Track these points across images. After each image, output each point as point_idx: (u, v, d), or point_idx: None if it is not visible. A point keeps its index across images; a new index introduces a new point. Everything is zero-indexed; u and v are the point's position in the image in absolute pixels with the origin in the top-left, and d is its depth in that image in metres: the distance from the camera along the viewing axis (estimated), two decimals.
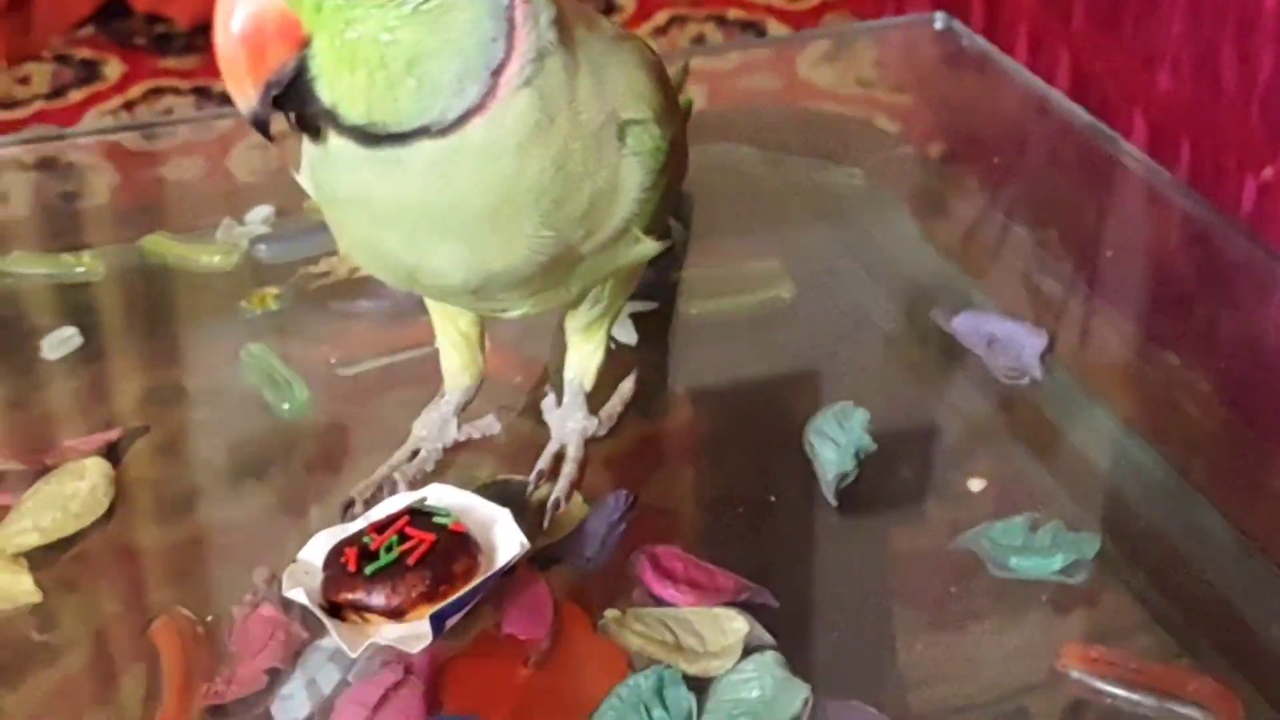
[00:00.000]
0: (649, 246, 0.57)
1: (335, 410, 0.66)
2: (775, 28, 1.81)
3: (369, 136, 0.50)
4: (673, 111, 0.58)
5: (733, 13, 1.85)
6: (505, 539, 0.56)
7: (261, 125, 0.49)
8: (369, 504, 0.59)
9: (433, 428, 0.62)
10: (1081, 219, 0.79)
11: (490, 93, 0.50)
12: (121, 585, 0.59)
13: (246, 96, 0.48)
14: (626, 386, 0.64)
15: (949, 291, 0.73)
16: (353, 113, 0.49)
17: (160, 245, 0.76)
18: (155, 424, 0.65)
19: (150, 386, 0.69)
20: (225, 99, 0.50)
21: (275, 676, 0.53)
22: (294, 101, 0.49)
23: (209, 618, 0.56)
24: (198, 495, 0.63)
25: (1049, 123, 0.83)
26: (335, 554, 0.55)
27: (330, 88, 0.49)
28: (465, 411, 0.63)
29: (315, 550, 0.56)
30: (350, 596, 0.53)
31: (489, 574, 0.54)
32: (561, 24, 0.52)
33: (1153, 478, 0.61)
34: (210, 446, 0.65)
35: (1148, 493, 0.60)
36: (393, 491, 0.60)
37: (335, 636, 0.53)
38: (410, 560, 0.54)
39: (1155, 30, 1.31)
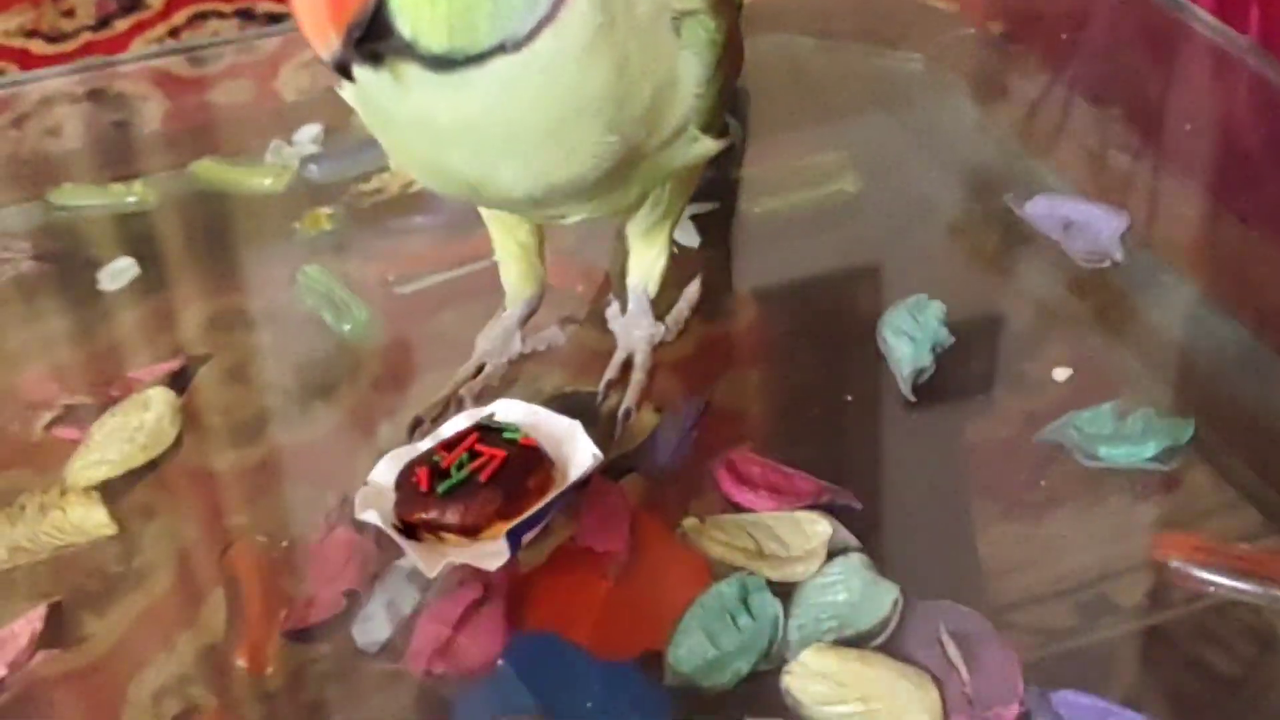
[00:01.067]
0: (708, 145, 0.55)
1: (396, 328, 0.65)
2: None
3: (442, 62, 0.48)
4: (725, 2, 0.55)
5: None
6: (577, 451, 0.55)
7: (344, 69, 0.47)
8: (436, 422, 0.58)
9: (496, 341, 0.61)
10: (1153, 92, 0.76)
11: (552, 11, 0.48)
12: (194, 514, 0.58)
13: (329, 42, 0.46)
14: (692, 290, 0.63)
15: (1020, 176, 0.70)
16: (434, 43, 0.47)
17: (211, 170, 0.75)
18: (217, 351, 0.65)
19: (209, 313, 0.68)
20: (270, 18, 0.49)
21: (354, 599, 0.52)
22: (372, 39, 0.47)
23: (284, 543, 0.55)
24: (264, 421, 0.62)
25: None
26: (406, 474, 0.54)
27: (412, 20, 0.47)
28: (529, 323, 0.62)
29: (385, 471, 0.55)
30: (424, 516, 0.52)
31: (563, 488, 0.53)
32: None
33: (1244, 355, 0.59)
34: (273, 371, 0.64)
35: (1240, 371, 0.58)
36: (460, 408, 0.58)
37: (411, 557, 0.52)
38: (483, 477, 0.52)
39: None
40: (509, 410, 0.57)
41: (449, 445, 0.54)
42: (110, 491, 0.58)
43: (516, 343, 0.62)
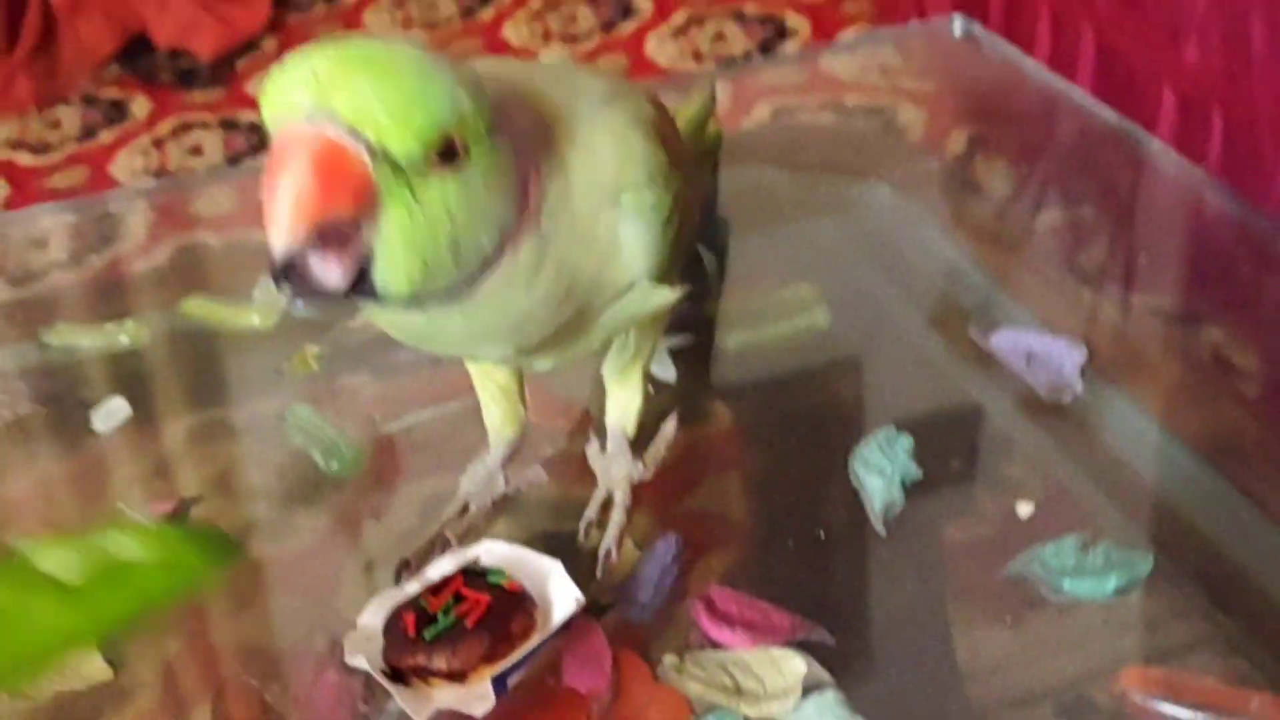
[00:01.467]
0: (664, 294, 0.57)
1: (384, 466, 0.67)
2: (795, 20, 1.81)
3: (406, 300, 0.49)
4: (676, 163, 0.57)
5: (750, 8, 1.84)
6: (560, 593, 0.56)
7: (285, 272, 0.45)
8: (422, 564, 0.59)
9: (480, 482, 0.63)
10: (1113, 222, 0.79)
11: (501, 248, 0.49)
12: (187, 657, 0.59)
13: (289, 230, 0.44)
14: (669, 428, 0.65)
15: (984, 306, 0.73)
16: (398, 294, 0.47)
17: (200, 309, 0.77)
18: (208, 491, 0.66)
19: (200, 453, 0.70)
20: (252, 127, 0.51)
21: None
22: (355, 292, 0.46)
23: (274, 687, 0.56)
24: (254, 562, 0.64)
25: (1075, 125, 0.83)
26: (394, 619, 0.56)
27: (385, 270, 0.46)
28: (511, 462, 0.64)
29: (374, 615, 0.57)
30: (412, 661, 0.54)
31: (546, 634, 0.55)
32: (553, 138, 0.51)
33: (1202, 488, 0.61)
34: (263, 511, 0.66)
35: (1198, 504, 0.60)
36: (445, 549, 0.60)
37: (400, 702, 0.53)
38: (469, 623, 0.54)
39: (1180, 3, 1.29)
40: (492, 551, 0.58)
41: (435, 589, 0.56)
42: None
43: (500, 482, 0.63)
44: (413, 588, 0.57)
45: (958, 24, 0.88)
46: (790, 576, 0.59)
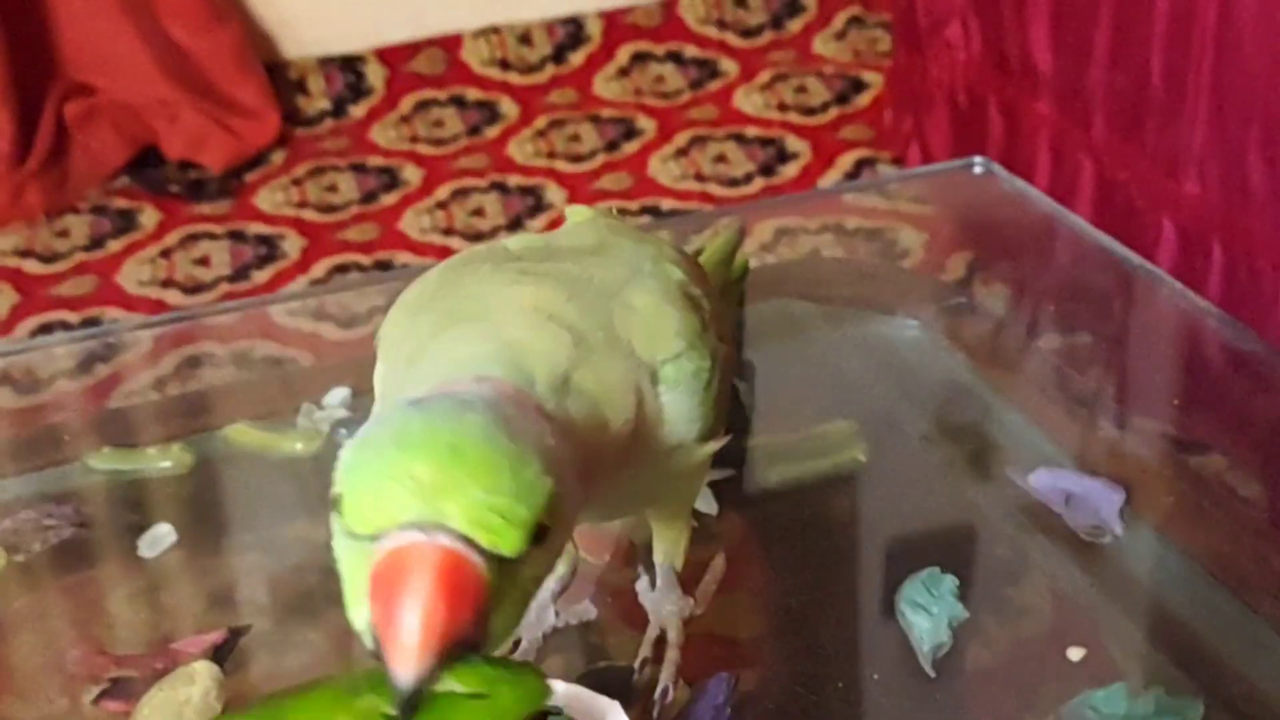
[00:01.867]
0: (711, 448, 0.57)
1: None
2: (794, 143, 1.85)
3: None
4: (714, 320, 0.57)
5: (751, 130, 1.88)
6: None
7: (413, 702, 0.42)
8: None
9: (531, 615, 0.64)
10: (1146, 365, 0.81)
11: None
12: None
13: (419, 659, 0.41)
14: (718, 564, 0.66)
15: (1021, 446, 0.74)
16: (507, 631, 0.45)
17: (243, 434, 0.78)
18: (256, 620, 0.67)
19: (247, 581, 0.71)
20: (260, 239, 0.51)
21: None
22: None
23: None
24: None
25: (1103, 268, 0.85)
26: None
27: (495, 631, 0.44)
28: (561, 598, 0.64)
29: None
30: None
31: None
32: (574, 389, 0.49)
33: (1245, 632, 0.62)
34: (312, 643, 0.66)
35: (1243, 649, 0.61)
36: None
37: None
38: None
39: (1178, 136, 1.33)
40: (553, 688, 0.59)
41: None
42: None
43: (550, 617, 0.64)
44: None
45: (978, 165, 0.91)
46: (839, 717, 0.60)
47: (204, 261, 1.75)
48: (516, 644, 0.63)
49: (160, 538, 0.72)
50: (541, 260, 0.56)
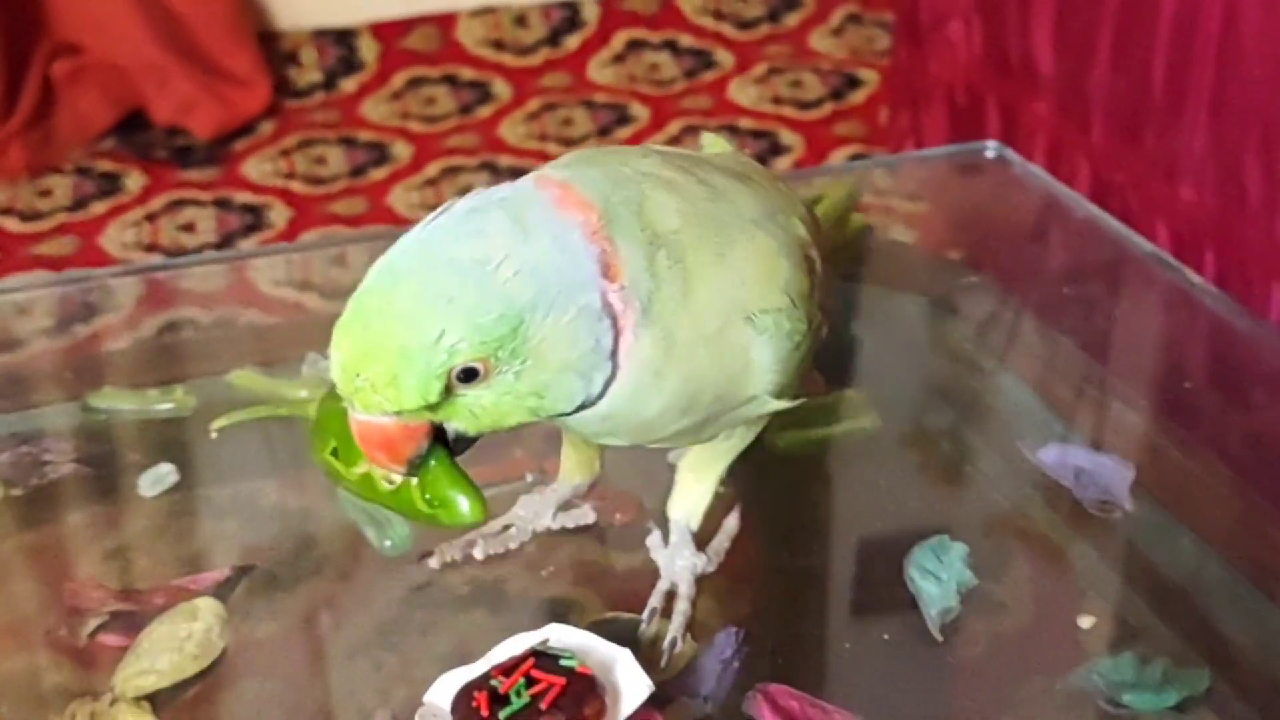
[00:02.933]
0: (780, 405, 0.57)
1: (436, 546, 0.67)
2: (788, 136, 1.85)
3: None
4: (821, 286, 0.58)
5: (745, 122, 1.88)
6: (628, 680, 0.56)
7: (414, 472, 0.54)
8: (443, 559, 0.64)
9: (531, 509, 0.65)
10: (1155, 347, 0.81)
11: (613, 373, 0.52)
12: None
13: (395, 472, 0.54)
14: (732, 522, 0.65)
15: (1030, 421, 0.74)
16: (507, 426, 0.53)
17: (248, 380, 0.77)
18: (260, 561, 0.66)
19: (250, 523, 0.70)
20: (246, 208, 0.53)
21: None
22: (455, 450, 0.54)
23: None
24: (310, 635, 0.63)
25: (1114, 251, 0.85)
26: (464, 697, 0.55)
27: (481, 430, 0.53)
28: (567, 509, 0.66)
29: (441, 692, 0.57)
30: None
31: (620, 717, 0.55)
32: (667, 248, 0.52)
33: (1252, 610, 0.62)
34: (316, 585, 0.66)
35: (1250, 626, 0.61)
36: (469, 552, 0.64)
37: None
38: (544, 704, 0.54)
39: (1177, 142, 1.34)
40: (561, 635, 0.59)
41: (505, 670, 0.56)
42: (158, 702, 0.59)
43: (548, 518, 0.66)
44: (481, 667, 0.57)
45: (990, 148, 0.91)
46: (847, 677, 0.60)
47: (189, 227, 1.73)
48: (506, 528, 0.65)
49: (162, 477, 0.71)
50: (693, 163, 0.57)
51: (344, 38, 1.98)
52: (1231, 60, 1.25)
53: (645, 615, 0.61)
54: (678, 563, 0.62)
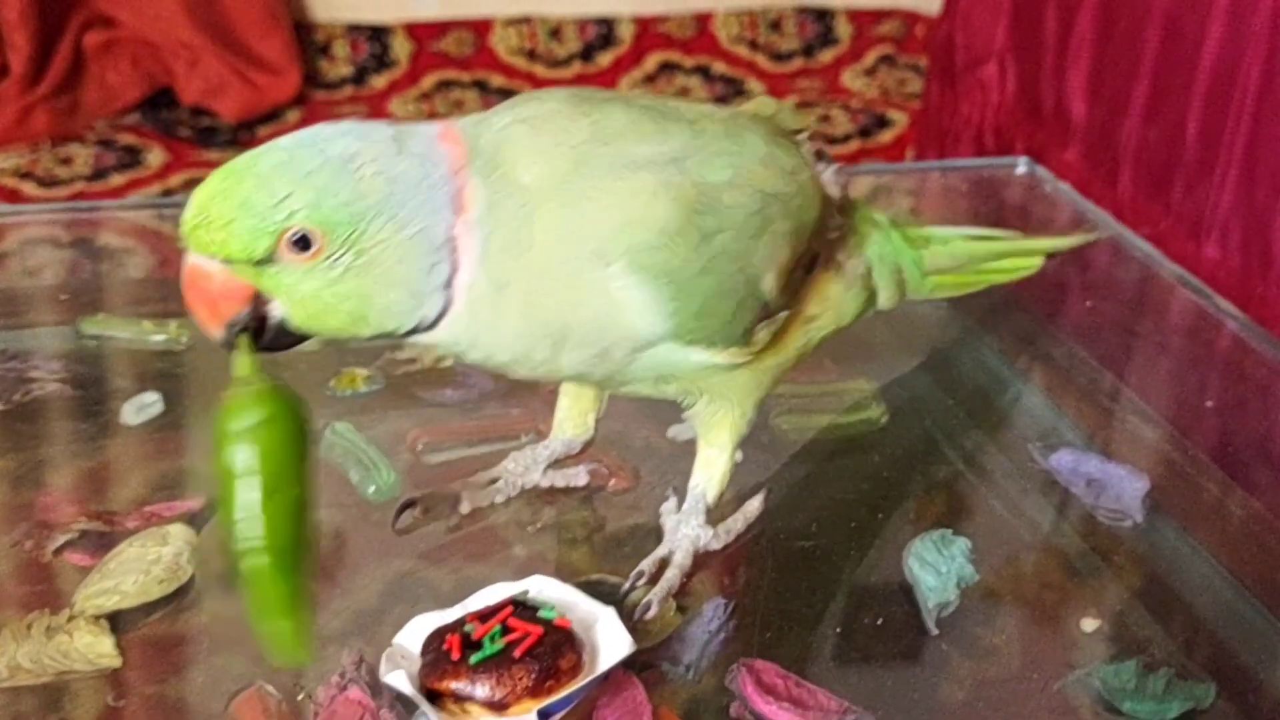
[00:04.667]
0: (704, 356, 0.56)
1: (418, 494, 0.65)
2: (755, 86, 1.85)
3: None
4: (708, 234, 0.55)
5: (718, 66, 1.89)
6: (609, 638, 0.54)
7: (229, 347, 0.53)
8: (427, 513, 0.62)
9: (520, 464, 0.64)
10: (1173, 366, 0.79)
11: (448, 302, 0.53)
12: (204, 655, 0.57)
13: (212, 334, 0.53)
14: (753, 506, 0.63)
15: (1041, 427, 0.72)
16: (328, 329, 0.53)
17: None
18: None
19: None
20: None
21: None
22: (271, 332, 0.53)
23: (300, 696, 0.54)
24: None
25: (1135, 266, 0.84)
26: (436, 640, 0.53)
27: (302, 324, 0.53)
28: (560, 466, 0.65)
29: (412, 635, 0.55)
30: (453, 685, 0.52)
31: (595, 674, 0.53)
32: (518, 193, 0.53)
33: (1259, 628, 0.60)
34: None
35: (1257, 643, 0.59)
36: (455, 507, 0.63)
37: None
38: (517, 652, 0.52)
39: (1205, 199, 1.32)
40: (543, 587, 0.56)
41: (482, 616, 0.54)
42: (119, 623, 0.56)
43: (536, 474, 0.64)
44: (457, 612, 0.55)
45: (1021, 164, 0.89)
46: (835, 660, 0.57)
47: None
48: (493, 481, 0.64)
49: (146, 405, 0.69)
50: (624, 106, 0.56)
51: (378, 34, 1.97)
52: (1268, 117, 1.24)
53: (630, 576, 0.59)
54: (681, 530, 0.60)
